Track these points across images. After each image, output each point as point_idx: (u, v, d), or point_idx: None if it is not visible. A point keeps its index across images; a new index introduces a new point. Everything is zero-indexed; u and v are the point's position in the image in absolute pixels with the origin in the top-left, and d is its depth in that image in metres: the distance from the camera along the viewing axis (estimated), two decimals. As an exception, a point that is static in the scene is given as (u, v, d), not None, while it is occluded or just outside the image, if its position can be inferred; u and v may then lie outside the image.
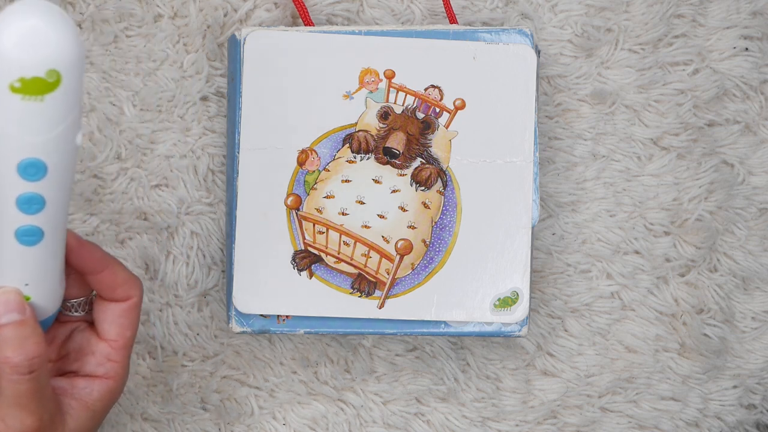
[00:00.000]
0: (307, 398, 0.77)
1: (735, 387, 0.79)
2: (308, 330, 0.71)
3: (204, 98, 0.73)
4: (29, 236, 0.50)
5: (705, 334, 0.78)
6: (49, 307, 0.55)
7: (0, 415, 0.52)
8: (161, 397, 0.75)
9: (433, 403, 0.78)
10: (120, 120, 0.73)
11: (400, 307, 0.70)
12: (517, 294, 0.71)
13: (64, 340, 0.60)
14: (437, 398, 0.78)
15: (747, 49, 0.76)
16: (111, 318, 0.57)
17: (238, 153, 0.69)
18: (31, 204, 0.48)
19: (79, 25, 0.72)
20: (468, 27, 0.71)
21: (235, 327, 0.70)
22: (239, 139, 0.69)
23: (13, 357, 0.51)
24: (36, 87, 0.44)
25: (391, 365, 0.77)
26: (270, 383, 0.76)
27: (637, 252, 0.77)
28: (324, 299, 0.70)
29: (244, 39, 0.69)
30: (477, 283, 0.71)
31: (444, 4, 0.72)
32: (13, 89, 0.44)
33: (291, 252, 0.70)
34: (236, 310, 0.70)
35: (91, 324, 0.60)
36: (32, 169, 0.47)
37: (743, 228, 0.78)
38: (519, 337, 0.72)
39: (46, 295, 0.54)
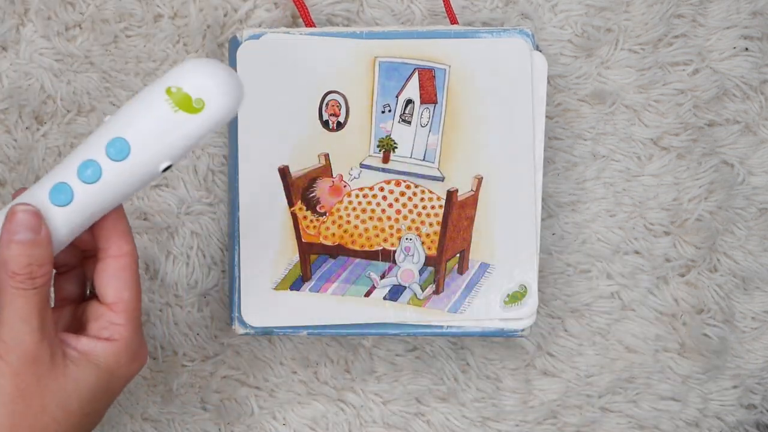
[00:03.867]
0: (307, 398, 0.77)
1: (735, 387, 0.79)
2: (311, 331, 0.71)
3: (204, 98, 0.73)
4: (59, 194, 0.54)
5: (705, 334, 0.78)
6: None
7: (0, 337, 0.53)
8: (161, 397, 0.75)
9: (433, 403, 0.78)
10: (120, 120, 0.73)
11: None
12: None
13: (74, 311, 0.60)
14: (437, 398, 0.78)
15: (747, 49, 0.76)
16: (105, 280, 0.57)
17: (239, 154, 0.69)
18: (92, 172, 0.54)
19: (79, 25, 0.72)
20: (468, 27, 0.71)
21: (238, 328, 0.70)
22: (239, 141, 0.69)
23: (19, 270, 0.53)
24: (182, 100, 0.52)
25: (391, 365, 0.77)
26: (270, 383, 0.76)
27: (637, 252, 0.77)
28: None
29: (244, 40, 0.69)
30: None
31: (444, 4, 0.72)
32: (168, 90, 0.52)
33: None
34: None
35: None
36: (118, 147, 0.53)
37: (743, 228, 0.78)
38: (520, 337, 0.72)
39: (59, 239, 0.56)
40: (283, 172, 0.70)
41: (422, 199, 0.70)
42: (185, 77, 0.52)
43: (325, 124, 0.70)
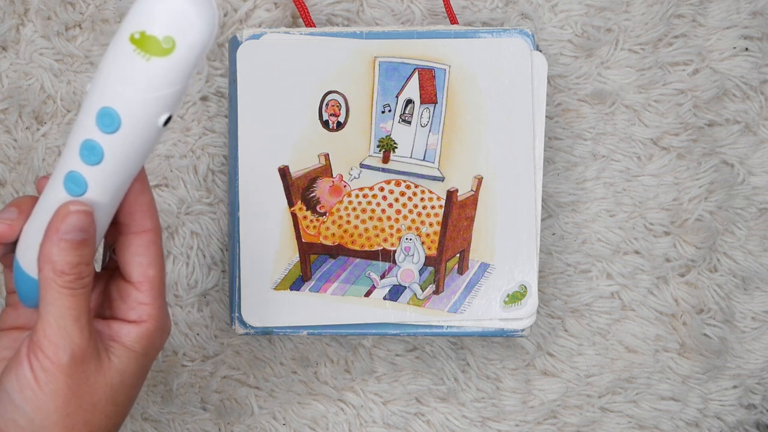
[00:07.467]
0: (307, 398, 0.77)
1: (735, 387, 0.79)
2: (311, 331, 0.71)
3: (204, 98, 0.73)
4: (73, 184, 0.50)
5: (705, 334, 0.78)
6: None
7: (48, 338, 0.52)
8: (161, 397, 0.75)
9: (433, 403, 0.78)
10: (120, 120, 0.73)
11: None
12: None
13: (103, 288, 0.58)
14: (437, 398, 0.78)
15: (747, 49, 0.76)
16: (128, 257, 0.55)
17: (239, 154, 0.69)
18: (91, 153, 0.49)
19: (79, 25, 0.72)
20: (468, 27, 0.71)
21: (239, 329, 0.70)
22: (239, 141, 0.69)
23: (69, 270, 0.51)
24: (149, 46, 0.46)
25: (391, 365, 0.77)
26: (270, 383, 0.76)
27: (637, 252, 0.77)
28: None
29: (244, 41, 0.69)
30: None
31: (444, 4, 0.72)
32: (132, 39, 0.46)
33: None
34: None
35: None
36: (107, 119, 0.47)
37: (743, 228, 0.78)
38: (520, 337, 0.72)
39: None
40: (283, 172, 0.70)
41: (422, 199, 0.70)
42: (144, 17, 0.45)
43: (325, 124, 0.70)
